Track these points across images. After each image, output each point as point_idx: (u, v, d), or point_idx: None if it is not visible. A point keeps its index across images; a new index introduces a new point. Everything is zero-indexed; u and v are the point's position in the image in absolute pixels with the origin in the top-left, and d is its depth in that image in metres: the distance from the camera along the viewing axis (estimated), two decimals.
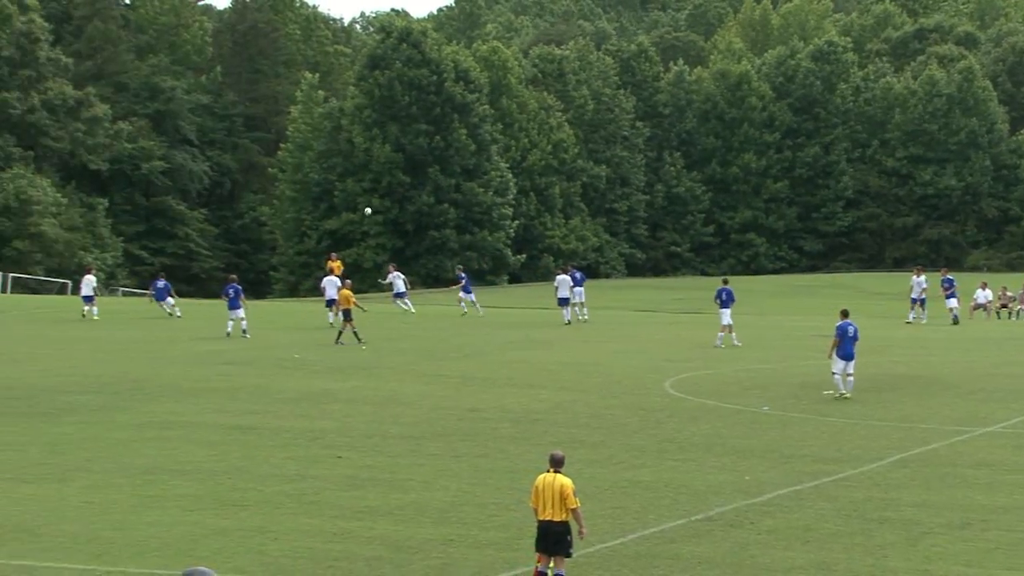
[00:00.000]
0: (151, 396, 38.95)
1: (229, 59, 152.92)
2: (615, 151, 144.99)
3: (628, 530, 24.42)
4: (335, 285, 61.06)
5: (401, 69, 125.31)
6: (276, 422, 34.87)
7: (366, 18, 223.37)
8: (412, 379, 43.26)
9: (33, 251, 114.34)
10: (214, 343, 53.17)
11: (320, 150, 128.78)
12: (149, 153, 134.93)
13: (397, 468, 29.46)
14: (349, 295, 55.43)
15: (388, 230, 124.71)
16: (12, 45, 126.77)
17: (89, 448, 31.16)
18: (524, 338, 57.40)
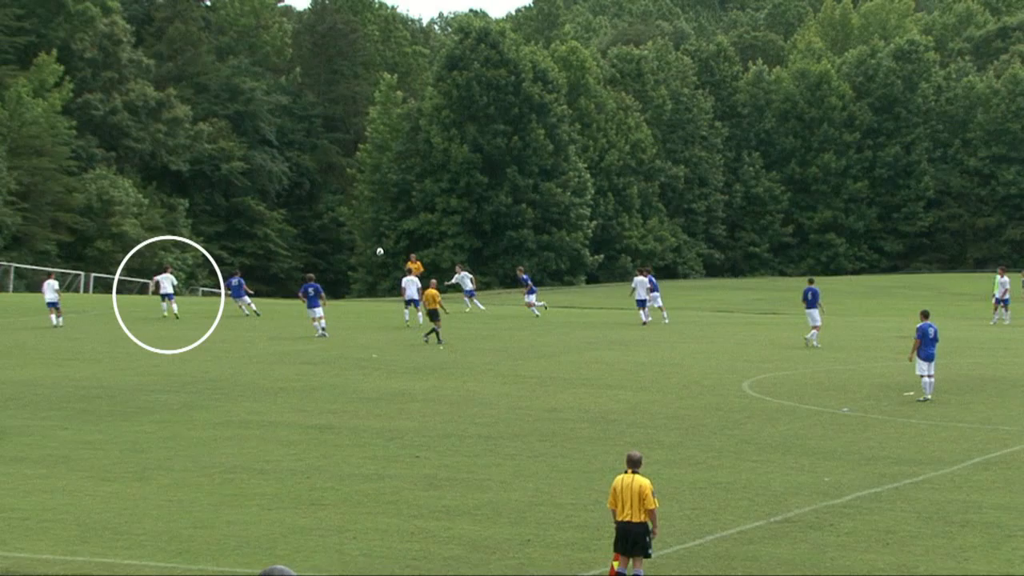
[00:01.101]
0: (230, 395, 39.18)
1: (308, 60, 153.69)
2: (693, 151, 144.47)
3: (706, 531, 24.35)
4: (415, 285, 61.32)
5: (479, 69, 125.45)
6: (354, 422, 34.99)
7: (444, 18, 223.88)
8: (490, 379, 43.28)
9: (115, 251, 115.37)
10: (293, 343, 53.43)
11: (398, 150, 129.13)
12: (229, 154, 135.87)
13: (475, 468, 29.49)
14: (435, 295, 55.48)
15: (466, 230, 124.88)
16: (95, 47, 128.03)
17: (169, 447, 31.38)
18: (602, 338, 57.30)
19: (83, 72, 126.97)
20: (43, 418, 34.98)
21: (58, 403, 37.24)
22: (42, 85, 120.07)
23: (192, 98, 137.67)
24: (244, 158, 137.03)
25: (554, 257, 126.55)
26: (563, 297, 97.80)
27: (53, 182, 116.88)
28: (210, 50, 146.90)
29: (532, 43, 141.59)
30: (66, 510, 25.17)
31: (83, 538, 23.38)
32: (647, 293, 64.72)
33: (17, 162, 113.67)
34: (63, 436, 32.62)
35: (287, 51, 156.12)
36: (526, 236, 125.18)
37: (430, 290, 56.02)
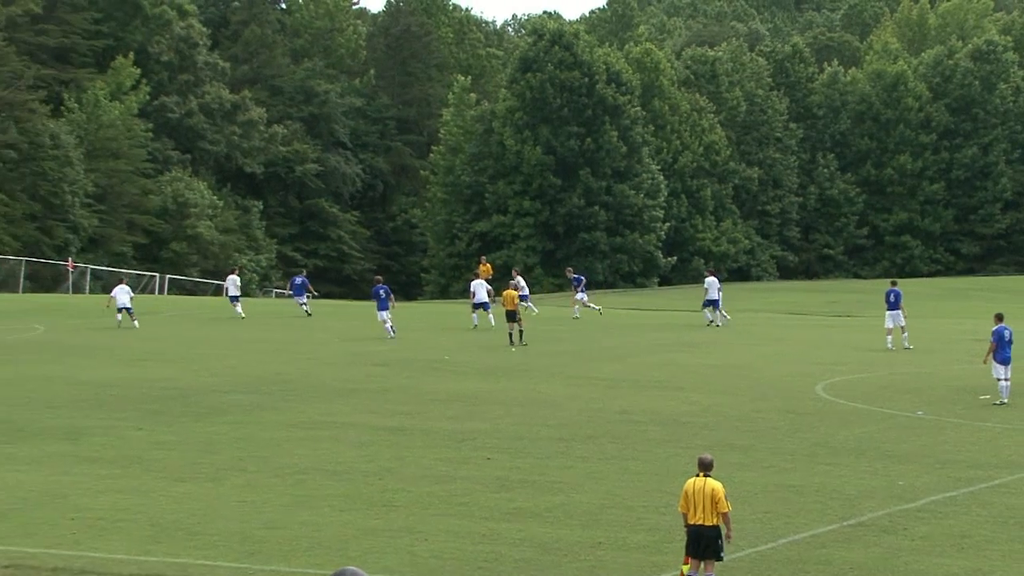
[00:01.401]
0: (303, 396, 39.34)
1: (382, 62, 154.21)
2: (768, 153, 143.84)
3: (778, 534, 24.20)
4: (484, 288, 61.56)
5: (553, 71, 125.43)
6: (426, 423, 35.05)
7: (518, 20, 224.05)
8: (561, 381, 43.25)
9: (189, 253, 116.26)
10: (365, 344, 53.60)
11: (471, 152, 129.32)
12: (303, 156, 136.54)
13: (546, 470, 29.46)
14: (514, 296, 55.51)
15: (538, 232, 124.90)
16: (171, 50, 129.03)
17: (242, 448, 31.53)
18: (673, 340, 57.15)
19: (159, 75, 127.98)
20: (118, 419, 35.25)
21: (132, 404, 37.52)
22: (119, 88, 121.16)
23: (267, 101, 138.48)
24: (318, 160, 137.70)
25: (627, 259, 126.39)
26: (635, 299, 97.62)
27: (129, 184, 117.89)
28: (285, 53, 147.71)
29: (606, 45, 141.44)
30: (139, 510, 25.33)
31: (156, 538, 23.52)
32: (717, 293, 64.71)
33: (94, 165, 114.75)
34: (137, 437, 32.86)
35: (361, 53, 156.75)
36: (599, 238, 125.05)
37: (509, 291, 55.98)
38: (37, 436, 32.62)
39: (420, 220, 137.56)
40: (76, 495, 26.51)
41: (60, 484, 27.48)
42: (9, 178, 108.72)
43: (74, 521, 24.54)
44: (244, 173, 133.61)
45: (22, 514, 25.01)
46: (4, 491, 26.80)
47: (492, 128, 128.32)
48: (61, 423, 34.38)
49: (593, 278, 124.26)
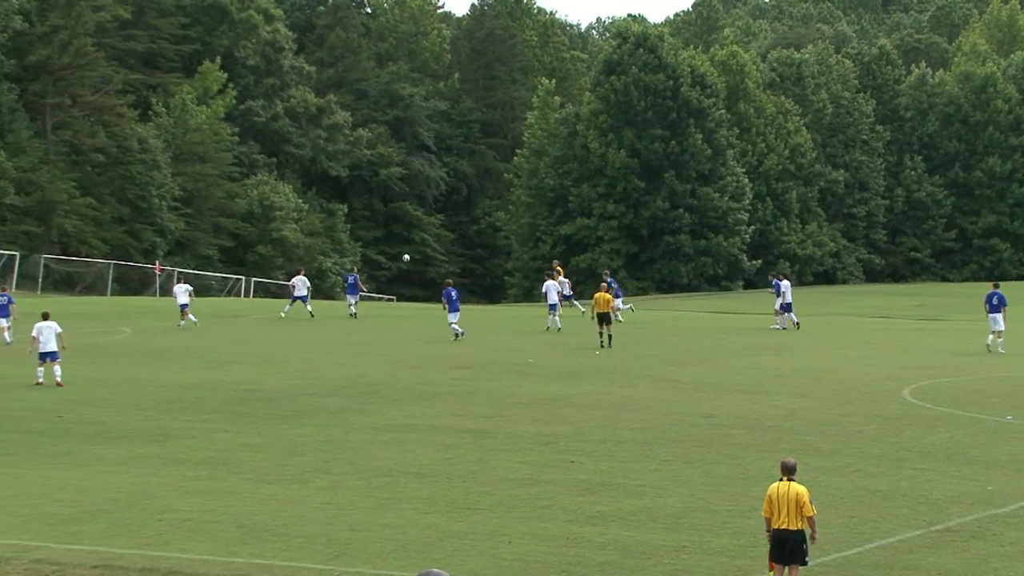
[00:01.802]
0: (388, 399, 39.49)
1: (467, 66, 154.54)
2: (854, 155, 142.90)
3: (864, 539, 24.05)
4: (556, 290, 62.04)
5: (637, 74, 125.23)
6: (510, 426, 35.08)
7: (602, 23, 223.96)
8: (645, 384, 43.17)
9: (275, 256, 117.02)
10: (449, 347, 53.74)
11: (555, 155, 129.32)
12: (387, 159, 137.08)
13: (630, 473, 29.42)
14: (608, 298, 55.51)
15: (622, 235, 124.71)
16: (258, 54, 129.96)
17: (327, 450, 31.69)
18: (758, 344, 56.89)
19: (246, 79, 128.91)
20: (204, 421, 35.54)
21: (219, 406, 37.81)
22: (206, 92, 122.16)
23: (352, 104, 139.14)
24: (402, 163, 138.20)
25: (711, 262, 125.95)
26: (719, 302, 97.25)
27: (215, 188, 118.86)
28: (370, 57, 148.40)
29: (691, 48, 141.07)
30: (226, 512, 25.53)
31: (242, 540, 23.70)
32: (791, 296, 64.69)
33: (181, 168, 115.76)
34: (223, 438, 33.11)
35: (446, 57, 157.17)
36: (683, 241, 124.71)
37: (602, 294, 55.84)
38: (125, 438, 32.95)
39: (504, 223, 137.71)
40: (164, 496, 26.75)
41: (148, 485, 27.75)
42: (98, 182, 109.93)
43: (162, 522, 24.77)
44: (329, 176, 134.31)
45: (111, 515, 25.28)
46: (93, 492, 27.10)
47: (576, 131, 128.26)
48: (149, 425, 34.71)
49: (677, 281, 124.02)
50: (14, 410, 36.69)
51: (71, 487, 27.53)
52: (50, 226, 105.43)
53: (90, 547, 23.09)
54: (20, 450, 31.49)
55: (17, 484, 27.81)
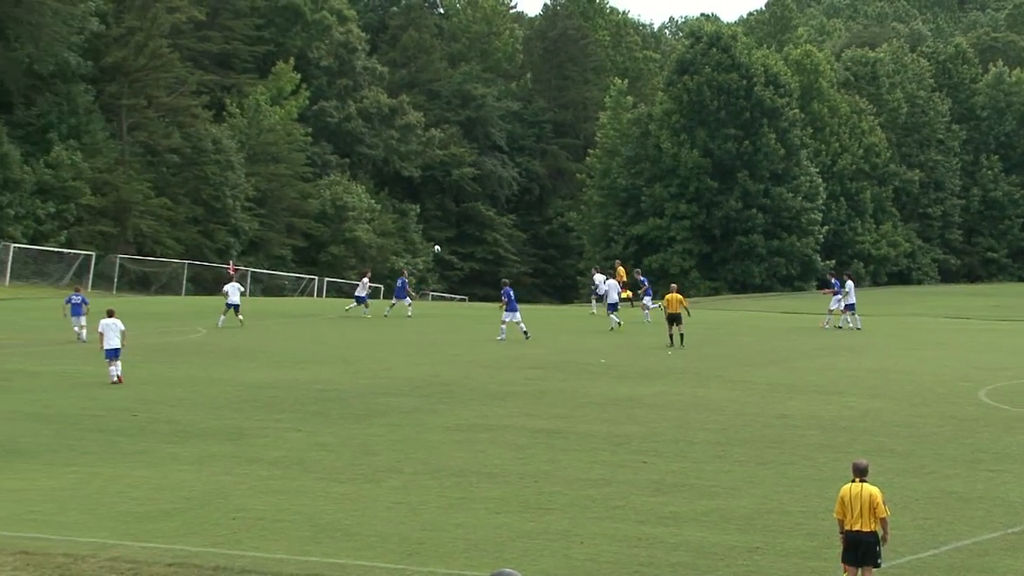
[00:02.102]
0: (460, 399, 39.55)
1: (539, 66, 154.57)
2: (929, 155, 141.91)
3: (940, 541, 23.88)
4: (616, 290, 62.25)
5: (710, 74, 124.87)
6: (582, 426, 35.06)
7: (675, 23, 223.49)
8: (718, 385, 43.03)
9: (347, 256, 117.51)
10: (521, 347, 53.77)
11: (628, 155, 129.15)
12: (460, 159, 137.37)
13: (703, 474, 29.34)
14: (680, 299, 55.50)
15: (695, 235, 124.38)
16: (331, 55, 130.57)
17: (400, 449, 31.79)
18: (832, 345, 56.59)
19: (319, 80, 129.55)
20: (277, 420, 35.73)
21: (292, 405, 38.00)
22: (279, 93, 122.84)
23: (424, 105, 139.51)
24: (475, 164, 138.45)
25: (784, 263, 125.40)
26: (793, 303, 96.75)
27: (289, 188, 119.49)
28: (442, 57, 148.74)
29: (764, 47, 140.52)
30: (299, 510, 25.66)
31: (315, 538, 23.81)
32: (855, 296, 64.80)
33: (255, 169, 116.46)
34: (297, 438, 33.27)
35: (518, 57, 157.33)
36: (756, 241, 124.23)
37: (674, 294, 55.80)
38: (200, 437, 33.18)
39: (576, 223, 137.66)
40: (238, 495, 26.92)
41: (222, 484, 27.92)
42: (172, 182, 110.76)
43: (236, 521, 24.92)
44: (401, 177, 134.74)
45: (186, 513, 25.47)
46: (168, 491, 27.30)
47: (649, 131, 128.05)
48: (223, 424, 34.93)
49: (750, 282, 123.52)
50: (90, 409, 37.02)
51: (147, 485, 27.75)
52: (125, 226, 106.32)
53: (165, 545, 23.27)
54: (97, 448, 31.77)
55: (94, 482, 28.07)
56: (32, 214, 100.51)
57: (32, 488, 27.52)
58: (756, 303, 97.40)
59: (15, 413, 36.30)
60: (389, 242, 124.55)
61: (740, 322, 67.60)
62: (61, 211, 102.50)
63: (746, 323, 67.67)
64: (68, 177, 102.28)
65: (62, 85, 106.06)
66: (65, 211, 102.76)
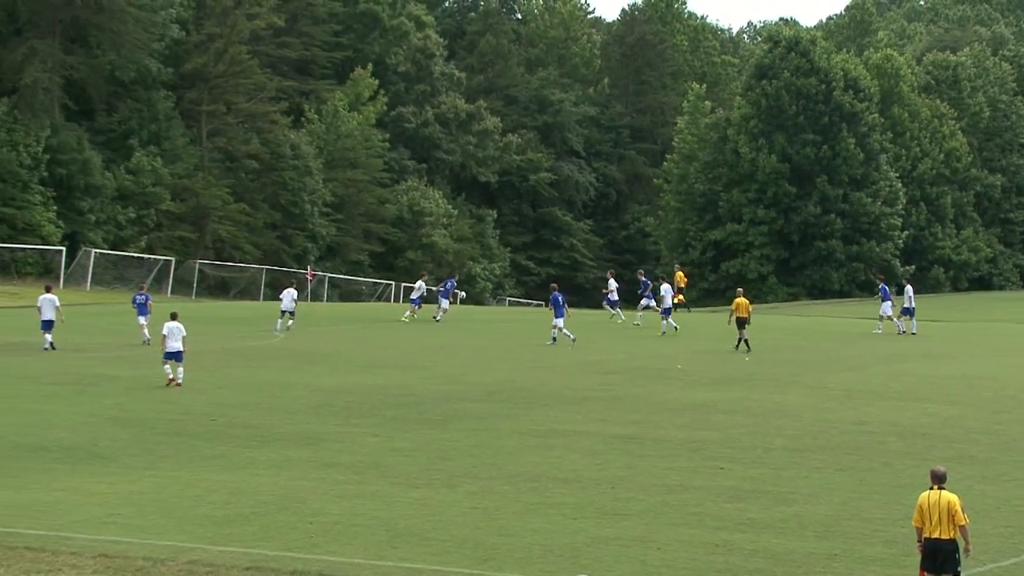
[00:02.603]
0: (535, 404, 39.55)
1: (617, 71, 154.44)
2: (1011, 159, 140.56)
3: (1021, 550, 23.64)
4: (670, 294, 62.29)
5: (789, 78, 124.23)
6: (658, 432, 34.98)
7: (754, 28, 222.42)
8: (795, 391, 42.80)
9: (424, 261, 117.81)
10: (597, 353, 53.69)
11: (705, 161, 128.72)
12: (537, 165, 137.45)
13: (780, 480, 29.20)
14: (746, 304, 55.39)
15: (772, 241, 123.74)
16: (409, 61, 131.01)
17: (475, 455, 31.82)
18: (911, 350, 56.17)
19: (396, 86, 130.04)
20: (354, 425, 35.85)
21: (368, 410, 38.11)
22: (357, 99, 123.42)
23: (501, 110, 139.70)
24: (552, 169, 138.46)
25: (863, 268, 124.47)
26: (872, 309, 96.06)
27: (366, 194, 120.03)
28: (520, 62, 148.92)
29: (843, 51, 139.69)
30: (375, 515, 25.73)
31: (391, 543, 23.87)
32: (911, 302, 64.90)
33: (332, 174, 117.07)
34: (373, 443, 33.36)
35: (596, 62, 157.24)
36: (835, 247, 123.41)
37: (741, 299, 55.76)
38: (277, 441, 33.35)
39: (653, 229, 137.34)
40: (314, 500, 27.03)
41: (299, 489, 28.05)
42: (251, 188, 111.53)
43: (312, 525, 25.04)
44: (478, 182, 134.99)
45: (263, 517, 25.60)
46: (246, 495, 27.45)
47: (727, 136, 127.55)
48: (300, 429, 35.09)
49: (828, 287, 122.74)
50: (169, 413, 37.29)
51: (224, 489, 27.92)
52: (204, 232, 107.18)
53: (242, 549, 23.40)
54: (175, 452, 32.00)
55: (172, 486, 28.27)
56: (113, 219, 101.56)
57: (111, 492, 27.75)
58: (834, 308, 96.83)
59: (95, 417, 36.62)
60: (466, 247, 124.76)
61: (818, 328, 67.24)
62: (141, 217, 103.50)
63: (824, 329, 67.30)
64: (148, 183, 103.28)
65: (143, 91, 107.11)
66: (145, 217, 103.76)
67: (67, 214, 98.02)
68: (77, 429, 34.74)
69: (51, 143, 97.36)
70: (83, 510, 26.06)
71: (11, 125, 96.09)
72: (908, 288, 65.55)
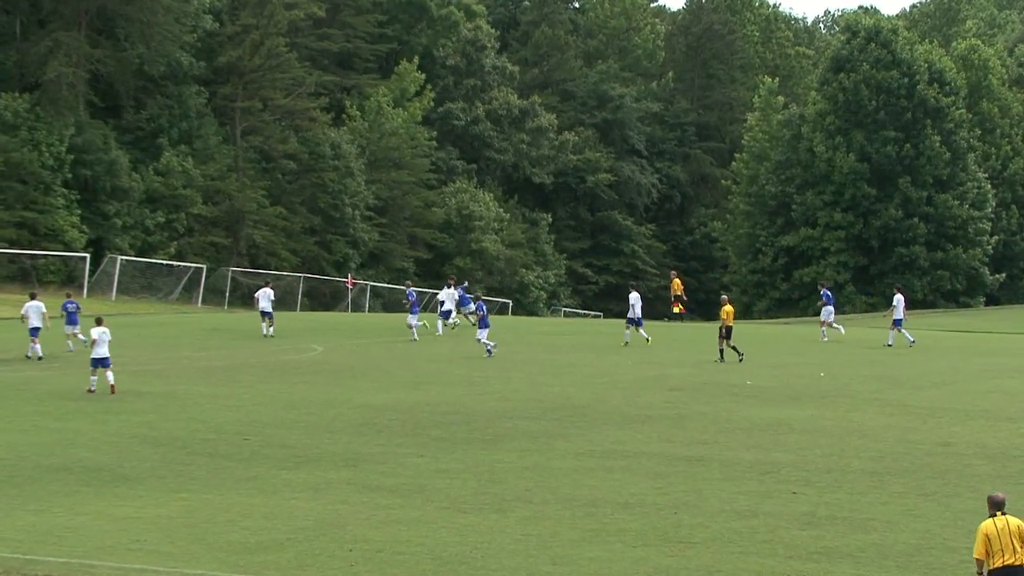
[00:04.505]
0: (594, 423, 39.50)
1: (682, 64, 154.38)
2: None
3: None
4: (639, 303, 63.11)
5: (868, 71, 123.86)
6: (726, 453, 34.89)
7: (831, 17, 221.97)
8: (875, 409, 42.59)
9: (474, 268, 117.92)
10: (661, 368, 53.61)
11: (778, 160, 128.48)
12: (595, 165, 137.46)
13: (858, 506, 29.07)
14: (731, 311, 56.44)
15: (850, 247, 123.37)
16: (458, 53, 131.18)
17: (529, 477, 31.80)
18: (1002, 366, 55.82)
19: (445, 80, 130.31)
20: (398, 445, 35.89)
21: (413, 429, 38.15)
22: (403, 94, 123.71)
23: (557, 106, 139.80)
24: (611, 169, 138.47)
25: (948, 276, 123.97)
26: (958, 320, 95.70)
27: (412, 196, 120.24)
28: (577, 55, 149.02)
29: (928, 42, 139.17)
30: (420, 542, 25.75)
31: (437, 572, 23.87)
32: None
33: (375, 175, 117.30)
34: (418, 464, 33.40)
35: (659, 55, 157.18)
36: (917, 253, 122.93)
37: (727, 307, 57.01)
38: (315, 462, 33.43)
39: (721, 234, 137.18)
40: (355, 525, 27.06)
41: (338, 513, 28.09)
42: (288, 190, 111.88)
43: (352, 552, 25.07)
44: (532, 184, 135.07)
45: (299, 544, 25.65)
46: (281, 520, 27.52)
47: (800, 133, 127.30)
48: (340, 449, 35.16)
49: (911, 297, 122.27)
50: (200, 432, 37.44)
51: (258, 514, 28.00)
52: (238, 237, 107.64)
53: None
54: (206, 474, 32.12)
55: (204, 510, 28.37)
56: (140, 224, 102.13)
57: (138, 516, 27.87)
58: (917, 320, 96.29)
59: (121, 436, 36.81)
60: (518, 254, 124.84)
61: (898, 341, 66.90)
62: (171, 221, 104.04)
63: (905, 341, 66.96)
64: (178, 185, 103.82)
65: (173, 87, 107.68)
66: (175, 221, 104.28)
67: (92, 218, 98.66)
68: (102, 449, 34.94)
69: (75, 142, 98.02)
70: (108, 536, 26.18)
71: (33, 123, 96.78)
72: (898, 297, 64.95)
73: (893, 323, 64.79)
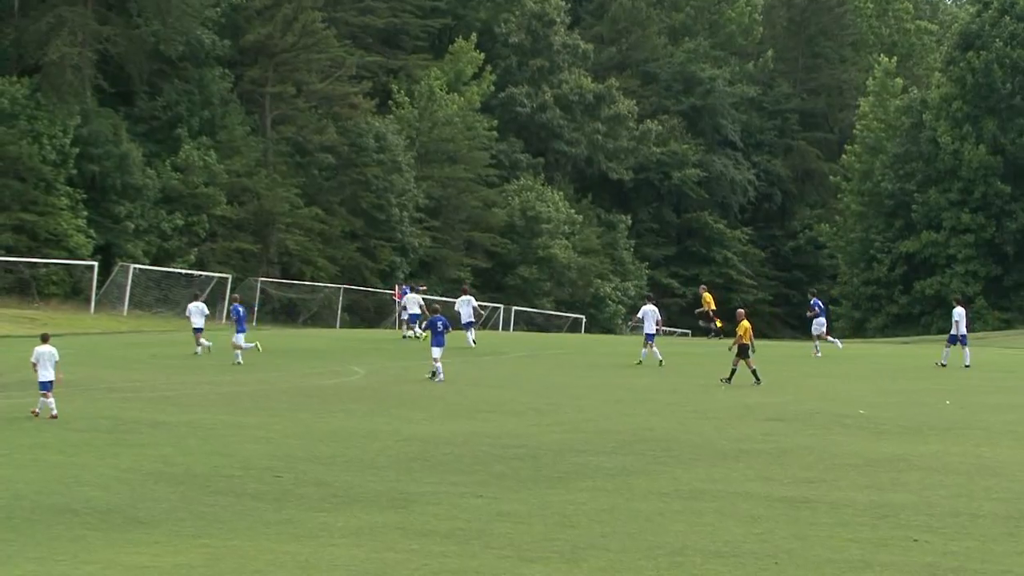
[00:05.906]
0: (680, 458, 39.48)
1: (783, 41, 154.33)
2: None
3: None
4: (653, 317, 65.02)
5: (1002, 49, 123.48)
6: (835, 494, 34.81)
7: None
8: (1010, 443, 42.42)
9: (541, 279, 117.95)
10: (756, 394, 53.54)
11: (895, 153, 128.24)
12: (682, 159, 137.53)
13: (990, 556, 28.94)
14: (748, 327, 56.26)
15: (981, 254, 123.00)
16: (522, 30, 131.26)
17: (604, 521, 31.80)
18: None
19: (507, 61, 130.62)
20: (453, 483, 35.95)
21: (471, 465, 38.21)
22: (458, 77, 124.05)
23: (638, 90, 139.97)
24: (700, 164, 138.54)
25: None
26: None
27: (469, 195, 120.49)
28: (661, 31, 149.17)
29: None
30: None
31: None
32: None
33: (427, 171, 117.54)
34: (477, 505, 33.44)
35: (756, 31, 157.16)
36: None
37: (744, 322, 57.04)
38: (357, 503, 33.51)
39: (829, 238, 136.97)
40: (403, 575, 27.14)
41: (384, 562, 28.17)
42: (325, 188, 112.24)
43: None
44: (609, 180, 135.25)
45: None
46: (318, 570, 27.62)
47: (922, 122, 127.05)
48: (386, 487, 35.24)
49: None
50: (224, 467, 37.60)
51: (293, 563, 28.09)
52: (268, 243, 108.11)
53: None
54: (232, 517, 32.24)
55: (229, 559, 28.48)
56: (156, 228, 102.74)
57: (154, 565, 28.01)
58: None
59: (134, 472, 37.00)
60: (593, 261, 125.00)
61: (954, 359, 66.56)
62: (191, 224, 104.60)
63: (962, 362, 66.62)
64: (200, 182, 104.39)
65: (193, 70, 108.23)
66: (196, 224, 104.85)
67: (100, 221, 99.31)
68: (112, 487, 35.12)
69: (81, 133, 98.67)
70: None
71: (33, 111, 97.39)
72: (958, 310, 64.57)
73: (950, 339, 64.44)
